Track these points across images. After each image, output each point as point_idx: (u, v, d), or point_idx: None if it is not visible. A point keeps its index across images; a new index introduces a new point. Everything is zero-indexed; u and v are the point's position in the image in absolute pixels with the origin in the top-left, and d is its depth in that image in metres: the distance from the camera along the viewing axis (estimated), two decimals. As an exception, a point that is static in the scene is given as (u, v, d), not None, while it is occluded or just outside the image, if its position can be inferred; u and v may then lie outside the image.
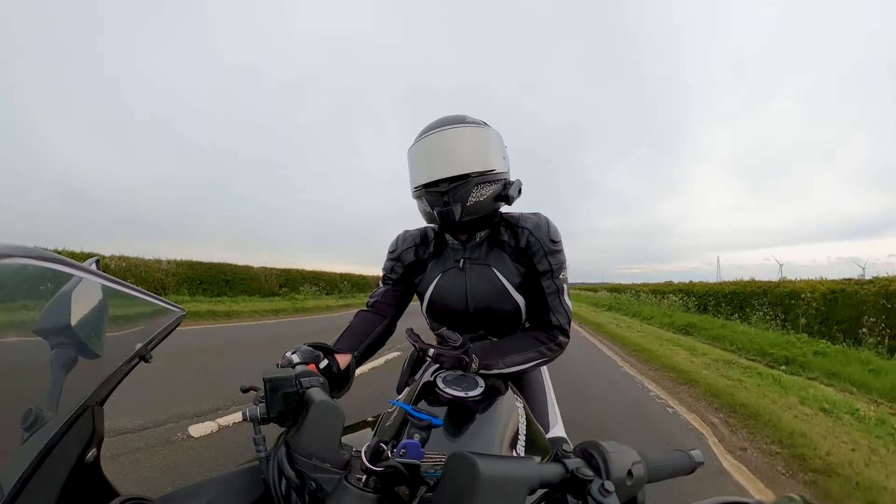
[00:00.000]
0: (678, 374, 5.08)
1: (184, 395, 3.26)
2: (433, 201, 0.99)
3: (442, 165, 0.97)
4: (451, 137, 0.99)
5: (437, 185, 0.97)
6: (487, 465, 0.40)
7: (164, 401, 3.07)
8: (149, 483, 1.98)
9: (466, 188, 0.96)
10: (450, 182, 0.96)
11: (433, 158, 0.99)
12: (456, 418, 0.75)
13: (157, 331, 0.69)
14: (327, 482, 0.50)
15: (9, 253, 0.38)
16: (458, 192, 0.96)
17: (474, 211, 0.99)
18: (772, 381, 4.78)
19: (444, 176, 0.96)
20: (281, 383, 0.56)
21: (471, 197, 0.97)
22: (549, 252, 1.03)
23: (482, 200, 0.99)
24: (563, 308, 1.04)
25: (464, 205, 0.97)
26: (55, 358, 0.52)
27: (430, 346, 0.87)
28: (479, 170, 0.97)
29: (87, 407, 0.55)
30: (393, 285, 1.21)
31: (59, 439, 0.49)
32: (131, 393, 2.88)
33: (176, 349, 4.81)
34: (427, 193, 1.00)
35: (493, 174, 1.00)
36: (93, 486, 0.56)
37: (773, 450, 2.84)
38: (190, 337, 6.29)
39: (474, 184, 0.97)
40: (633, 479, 0.46)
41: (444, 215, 0.98)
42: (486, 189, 0.99)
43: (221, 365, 4.50)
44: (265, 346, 6.08)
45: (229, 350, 5.64)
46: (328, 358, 0.85)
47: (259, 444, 0.56)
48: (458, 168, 0.96)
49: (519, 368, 0.98)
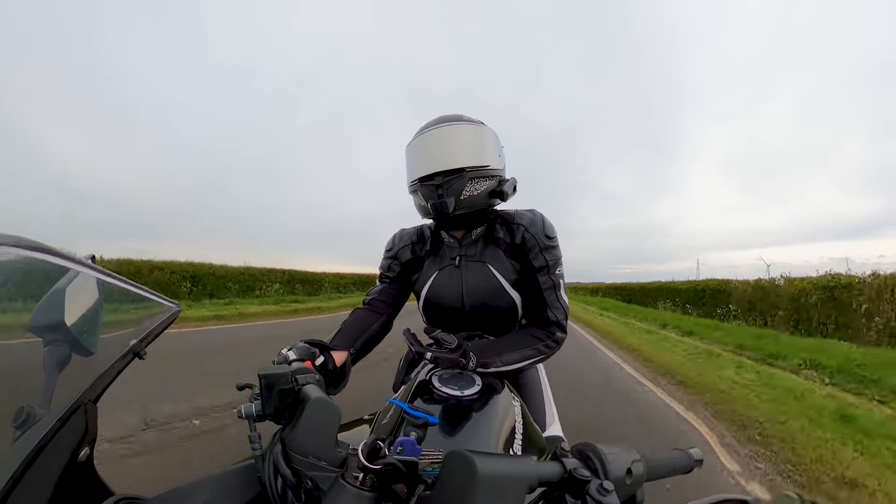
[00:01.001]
0: (612, 337, 8.81)
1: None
2: (427, 195, 1.00)
3: (437, 159, 0.98)
4: (447, 134, 0.99)
5: (432, 179, 0.98)
6: (485, 463, 0.40)
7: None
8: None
9: (461, 182, 0.97)
10: (444, 175, 0.97)
11: (429, 153, 0.99)
12: (452, 417, 0.75)
13: (152, 327, 0.68)
14: (324, 480, 0.49)
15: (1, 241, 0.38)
16: (453, 186, 0.97)
17: (468, 205, 0.99)
18: (665, 340, 8.17)
19: (438, 170, 0.97)
20: (276, 380, 0.55)
21: (465, 191, 0.98)
22: (544, 248, 1.03)
23: (476, 195, 0.99)
24: (559, 303, 1.04)
25: (457, 198, 0.97)
26: (48, 355, 0.51)
27: (427, 350, 0.87)
28: (474, 164, 0.98)
29: (81, 405, 0.54)
30: (390, 283, 1.21)
31: (52, 438, 0.48)
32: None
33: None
34: (422, 187, 1.00)
35: (487, 170, 1.00)
36: (86, 485, 0.55)
37: (643, 363, 5.99)
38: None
39: (469, 178, 0.98)
40: (632, 478, 0.46)
41: (437, 207, 0.98)
42: (480, 184, 0.99)
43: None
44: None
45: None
46: (324, 355, 0.85)
47: (255, 441, 0.55)
48: (452, 162, 0.97)
49: (516, 366, 0.98)
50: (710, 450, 2.83)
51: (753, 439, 2.99)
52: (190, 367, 4.33)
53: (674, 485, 1.93)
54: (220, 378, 3.86)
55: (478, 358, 0.90)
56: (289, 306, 13.13)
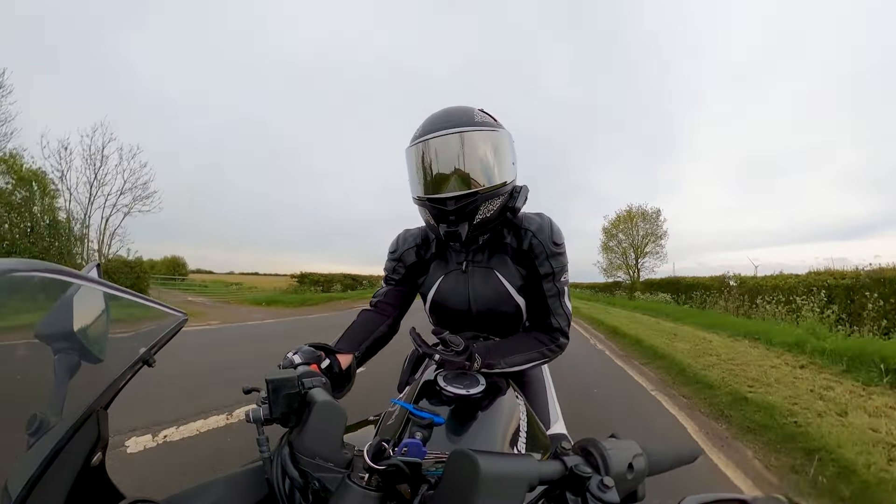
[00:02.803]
0: (592, 320, 11.38)
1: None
2: (438, 216, 0.96)
3: (447, 181, 0.91)
4: (456, 144, 0.90)
5: (443, 204, 0.92)
6: (488, 462, 0.40)
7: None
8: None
9: (474, 205, 0.92)
10: (456, 201, 0.91)
11: (437, 168, 0.92)
12: (457, 416, 0.76)
13: (160, 335, 0.69)
14: (330, 481, 0.50)
15: (12, 268, 0.39)
16: (465, 210, 0.92)
17: (480, 227, 0.96)
18: (634, 321, 10.42)
19: (449, 195, 0.91)
20: (283, 384, 0.56)
21: (478, 214, 0.94)
22: (551, 255, 1.00)
23: (489, 216, 0.96)
24: (563, 310, 1.03)
25: (470, 223, 0.94)
26: (58, 364, 0.52)
27: (434, 351, 0.86)
28: (488, 185, 0.92)
29: (92, 411, 0.55)
30: (395, 285, 1.20)
31: (65, 444, 0.49)
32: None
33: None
34: (431, 206, 0.95)
35: (502, 188, 0.95)
36: (99, 489, 0.57)
37: (607, 333, 8.76)
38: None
39: (482, 200, 0.92)
40: (633, 473, 0.47)
41: (450, 236, 0.95)
42: (493, 203, 0.95)
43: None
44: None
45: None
46: (329, 358, 0.85)
47: (262, 444, 0.56)
48: (464, 184, 0.91)
49: (520, 368, 0.98)
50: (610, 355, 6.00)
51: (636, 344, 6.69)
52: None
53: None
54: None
55: (483, 359, 0.89)
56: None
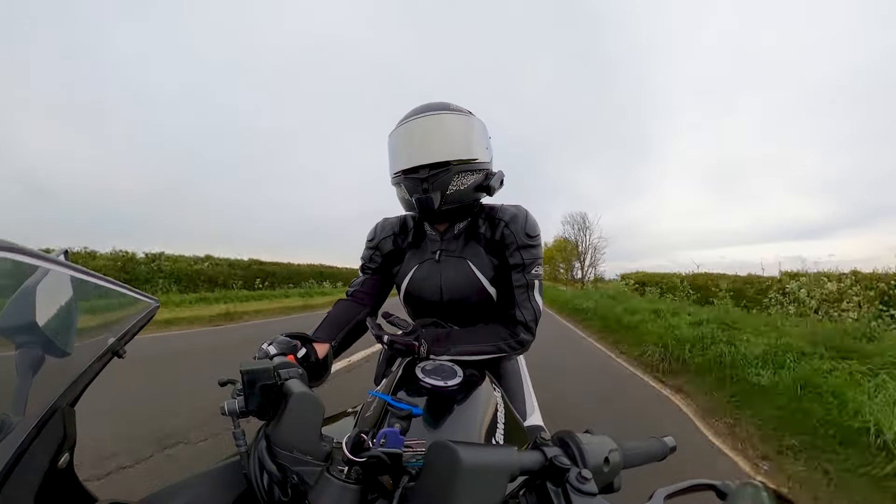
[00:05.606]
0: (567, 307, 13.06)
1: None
2: (412, 188, 0.97)
3: (422, 151, 0.95)
4: (433, 123, 0.95)
5: (417, 172, 0.95)
6: (468, 453, 0.41)
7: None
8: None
9: (447, 176, 0.94)
10: (430, 169, 0.94)
11: (414, 144, 0.96)
12: (435, 408, 0.76)
13: (130, 324, 0.66)
14: (309, 475, 0.49)
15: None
16: (438, 180, 0.94)
17: (454, 200, 0.97)
18: (611, 308, 10.93)
19: (424, 162, 0.94)
20: (259, 375, 0.55)
21: (451, 185, 0.95)
22: (522, 246, 1.00)
23: (463, 189, 0.97)
24: (530, 304, 1.01)
25: (443, 193, 0.95)
26: (20, 358, 0.49)
27: (384, 333, 0.87)
28: (461, 158, 0.95)
29: (57, 409, 0.52)
30: (372, 274, 1.19)
31: (28, 445, 0.46)
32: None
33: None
34: (406, 180, 0.97)
35: (475, 163, 0.98)
36: (68, 492, 0.54)
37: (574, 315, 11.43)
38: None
39: (455, 172, 0.95)
40: (609, 466, 0.48)
41: (422, 203, 0.96)
42: (467, 178, 0.97)
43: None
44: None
45: None
46: (306, 347, 0.84)
47: (239, 438, 0.55)
48: (439, 155, 0.94)
49: (470, 359, 0.95)
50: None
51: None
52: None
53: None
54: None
55: (429, 345, 0.89)
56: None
